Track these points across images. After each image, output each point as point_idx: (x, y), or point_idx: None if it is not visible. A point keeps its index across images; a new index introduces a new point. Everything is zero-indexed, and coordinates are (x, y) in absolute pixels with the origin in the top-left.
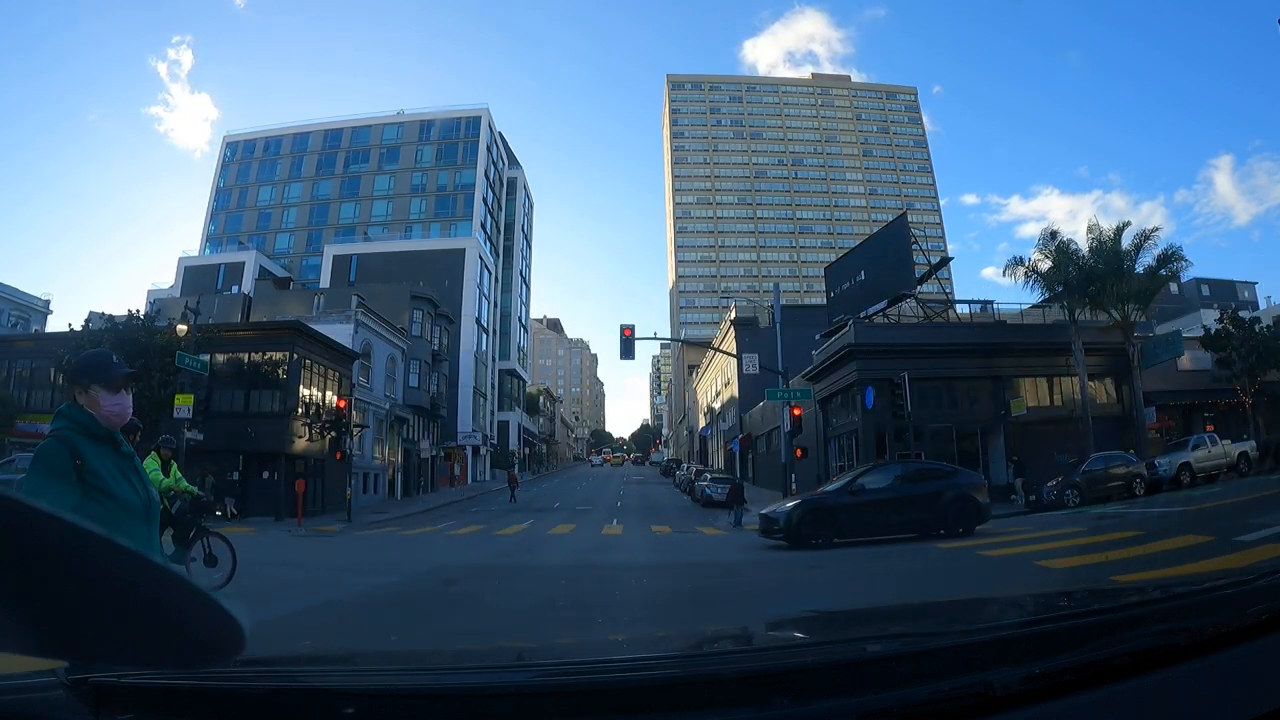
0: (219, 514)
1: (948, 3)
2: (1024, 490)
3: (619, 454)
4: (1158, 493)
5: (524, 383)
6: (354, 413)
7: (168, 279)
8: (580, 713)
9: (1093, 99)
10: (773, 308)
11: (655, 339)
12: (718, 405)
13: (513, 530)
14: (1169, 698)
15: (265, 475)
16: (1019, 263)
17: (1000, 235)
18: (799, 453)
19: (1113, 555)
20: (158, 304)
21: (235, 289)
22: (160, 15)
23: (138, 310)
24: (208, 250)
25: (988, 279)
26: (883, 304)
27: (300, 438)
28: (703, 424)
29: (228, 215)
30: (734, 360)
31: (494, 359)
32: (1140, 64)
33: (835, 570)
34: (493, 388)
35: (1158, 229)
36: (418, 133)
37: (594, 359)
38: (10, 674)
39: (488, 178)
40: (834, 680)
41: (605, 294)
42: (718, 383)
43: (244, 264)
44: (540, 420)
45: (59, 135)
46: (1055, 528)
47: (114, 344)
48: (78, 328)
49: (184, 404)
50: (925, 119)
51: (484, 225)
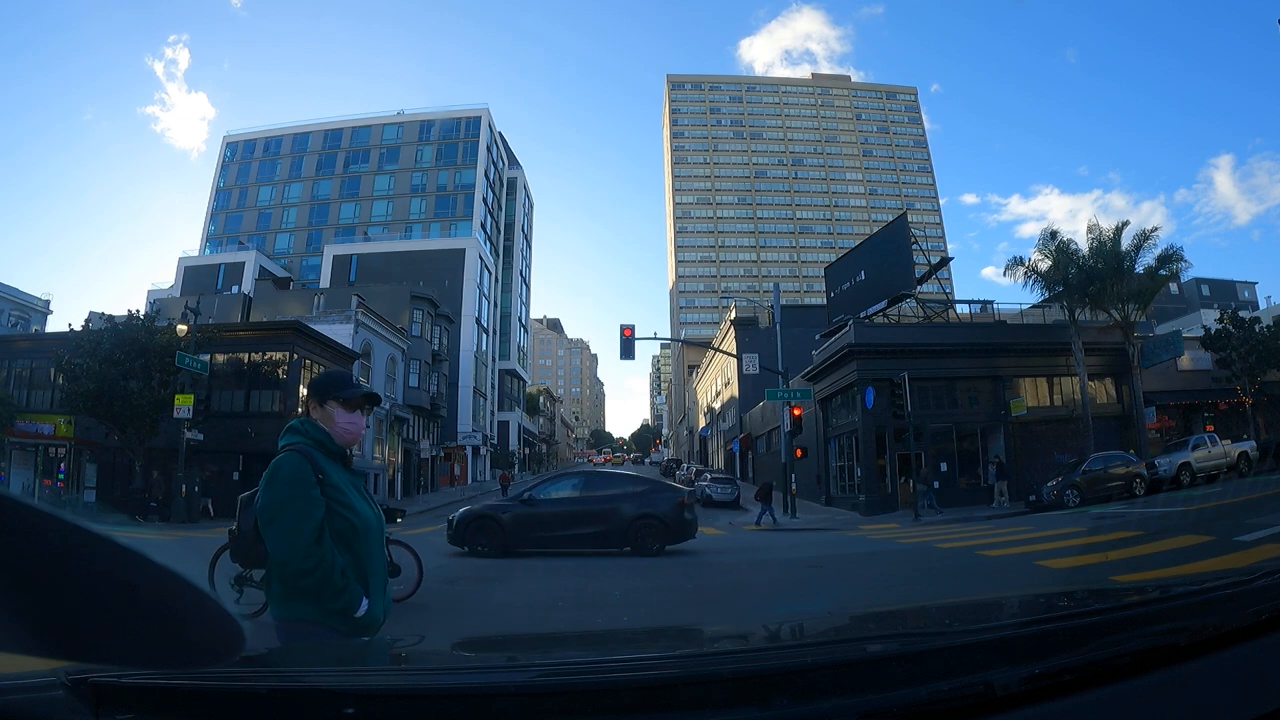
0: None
1: (946, 1)
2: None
3: (619, 454)
4: (1158, 493)
5: (524, 383)
6: None
7: (168, 279)
8: (580, 713)
9: (1092, 98)
10: (773, 308)
11: (655, 339)
12: (718, 405)
13: None
14: (1169, 698)
15: None
16: (1019, 262)
17: (1000, 235)
18: (799, 453)
19: (1113, 555)
20: (158, 304)
21: (235, 289)
22: (156, 14)
23: (138, 310)
24: (208, 250)
25: (988, 279)
26: (883, 304)
27: None
28: (703, 424)
29: (228, 215)
30: (734, 360)
31: (494, 359)
32: (1140, 64)
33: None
34: (493, 388)
35: (1158, 229)
36: (418, 133)
37: (594, 359)
38: (10, 674)
39: (488, 178)
40: (834, 680)
41: (605, 294)
42: (718, 383)
43: (244, 264)
44: (540, 420)
45: (56, 135)
46: (1055, 528)
47: (114, 344)
48: (78, 328)
49: (184, 404)
50: (925, 118)
51: (484, 225)
